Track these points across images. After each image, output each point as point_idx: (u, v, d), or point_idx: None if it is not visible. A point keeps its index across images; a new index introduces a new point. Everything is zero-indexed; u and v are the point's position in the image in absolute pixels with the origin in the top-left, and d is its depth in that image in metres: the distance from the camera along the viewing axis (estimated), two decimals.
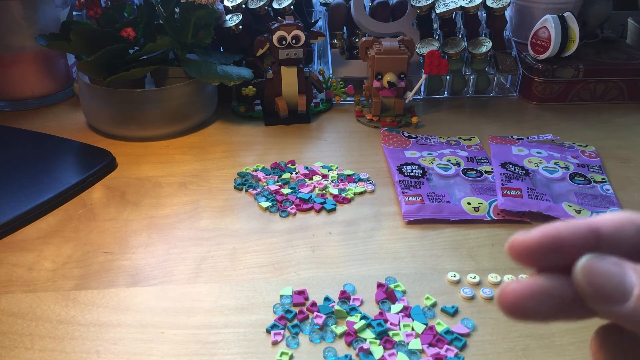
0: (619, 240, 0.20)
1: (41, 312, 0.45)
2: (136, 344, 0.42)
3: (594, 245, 0.20)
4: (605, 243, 0.20)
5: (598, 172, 0.64)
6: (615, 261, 0.19)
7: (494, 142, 0.70)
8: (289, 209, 0.58)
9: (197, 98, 0.73)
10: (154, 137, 0.72)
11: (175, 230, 0.55)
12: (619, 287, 0.19)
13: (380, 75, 0.73)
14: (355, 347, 0.41)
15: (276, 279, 0.49)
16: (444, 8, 0.80)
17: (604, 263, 0.19)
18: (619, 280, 0.19)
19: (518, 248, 0.21)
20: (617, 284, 0.19)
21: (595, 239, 0.20)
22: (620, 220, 0.21)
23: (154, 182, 0.63)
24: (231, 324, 0.44)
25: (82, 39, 0.68)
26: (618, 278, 0.19)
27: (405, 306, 0.45)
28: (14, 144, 0.69)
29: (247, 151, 0.70)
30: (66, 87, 0.85)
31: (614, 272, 0.19)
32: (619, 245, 0.20)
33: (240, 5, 0.80)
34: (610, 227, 0.20)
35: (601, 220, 0.21)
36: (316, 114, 0.80)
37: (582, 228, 0.20)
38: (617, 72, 0.83)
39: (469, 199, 0.58)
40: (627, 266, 0.19)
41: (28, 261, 0.51)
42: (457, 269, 0.49)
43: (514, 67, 0.85)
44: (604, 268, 0.19)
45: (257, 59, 0.80)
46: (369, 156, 0.69)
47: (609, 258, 0.19)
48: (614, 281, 0.19)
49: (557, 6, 0.86)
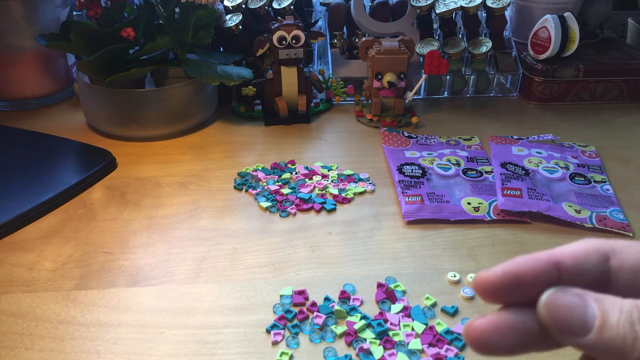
0: (582, 270, 0.21)
1: (41, 312, 0.45)
2: (136, 344, 0.42)
3: (555, 278, 0.20)
4: (568, 274, 0.21)
5: (598, 172, 0.64)
6: (577, 293, 0.20)
7: (494, 142, 0.70)
8: (289, 209, 0.58)
9: (197, 98, 0.73)
10: (154, 137, 0.72)
11: (175, 230, 0.55)
12: (581, 319, 0.19)
13: (380, 75, 0.73)
14: (355, 347, 0.41)
15: (276, 279, 0.49)
16: (444, 8, 0.80)
17: (566, 296, 0.19)
18: (581, 312, 0.19)
19: (482, 286, 0.21)
20: (579, 317, 0.19)
21: (557, 272, 0.21)
22: (582, 250, 0.21)
23: (154, 182, 0.63)
24: (231, 324, 0.44)
25: (82, 39, 0.68)
26: (580, 310, 0.19)
27: (405, 306, 0.45)
28: (14, 144, 0.69)
29: (247, 151, 0.70)
30: (66, 87, 0.85)
31: (575, 304, 0.19)
32: (582, 275, 0.21)
33: (240, 5, 0.80)
34: (571, 259, 0.21)
35: (562, 252, 0.21)
36: (316, 114, 0.80)
37: (542, 262, 0.21)
38: (617, 72, 0.83)
39: (469, 199, 0.58)
40: (589, 297, 0.19)
41: (28, 261, 0.51)
42: (457, 269, 0.49)
43: (514, 67, 0.85)
44: (565, 301, 0.19)
45: (257, 59, 0.80)
46: (369, 156, 0.69)
47: (570, 290, 0.20)
48: (576, 314, 0.19)
49: (557, 6, 0.86)
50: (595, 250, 0.21)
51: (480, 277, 0.21)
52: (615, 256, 0.21)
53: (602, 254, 0.21)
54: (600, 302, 0.19)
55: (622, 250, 0.21)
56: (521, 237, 0.54)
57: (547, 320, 0.20)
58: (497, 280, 0.21)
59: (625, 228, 0.54)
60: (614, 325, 0.19)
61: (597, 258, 0.21)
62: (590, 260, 0.21)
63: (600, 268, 0.21)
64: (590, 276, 0.21)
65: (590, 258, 0.21)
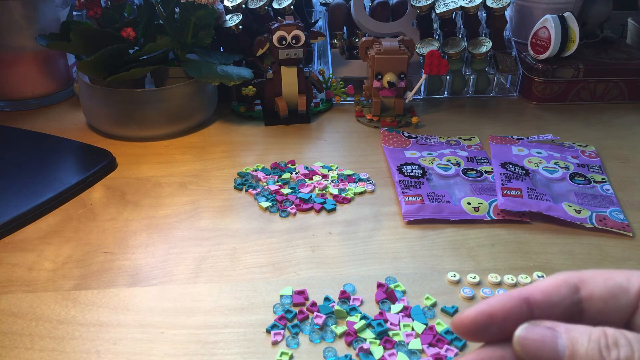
0: (552, 303, 0.22)
1: (41, 312, 0.45)
2: (136, 344, 0.42)
3: (526, 313, 0.22)
4: (538, 309, 0.22)
5: (598, 172, 0.64)
6: (548, 325, 0.21)
7: (494, 142, 0.70)
8: (289, 209, 0.58)
9: (197, 98, 0.73)
10: (154, 137, 0.72)
11: (175, 230, 0.55)
12: (552, 350, 0.20)
13: (380, 75, 0.73)
14: (355, 347, 0.41)
15: (276, 279, 0.49)
16: (444, 8, 0.80)
17: (537, 329, 0.21)
18: (551, 344, 0.20)
19: (459, 327, 0.22)
20: (550, 348, 0.20)
21: (528, 307, 0.22)
22: (551, 284, 0.22)
23: (154, 182, 0.63)
24: (231, 324, 0.44)
25: (82, 39, 0.68)
26: (550, 342, 0.20)
27: (405, 306, 0.45)
28: (14, 144, 0.69)
29: (247, 151, 0.70)
30: (66, 87, 0.85)
31: (546, 337, 0.20)
32: (552, 308, 0.22)
33: (240, 5, 0.80)
34: (540, 293, 0.22)
35: (531, 289, 0.22)
36: (316, 114, 0.80)
37: (513, 299, 0.22)
38: (617, 72, 0.83)
39: (469, 199, 0.58)
40: (559, 328, 0.20)
41: (28, 261, 0.51)
42: (457, 269, 0.49)
43: (514, 67, 0.85)
44: (537, 335, 0.21)
45: (257, 59, 0.80)
46: (369, 156, 0.69)
47: (542, 323, 0.21)
48: (546, 346, 0.20)
49: (557, 6, 0.86)
50: (564, 282, 0.22)
51: (457, 319, 0.22)
52: (585, 286, 0.22)
53: (572, 286, 0.22)
54: (570, 332, 0.20)
55: (591, 279, 0.22)
56: (521, 237, 0.54)
57: (521, 354, 0.21)
58: (472, 321, 0.22)
59: (625, 228, 0.54)
60: (582, 354, 0.20)
61: (566, 290, 0.22)
62: (560, 293, 0.22)
63: (571, 299, 0.22)
64: (562, 308, 0.22)
65: (559, 290, 0.22)
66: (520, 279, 0.48)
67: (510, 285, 0.48)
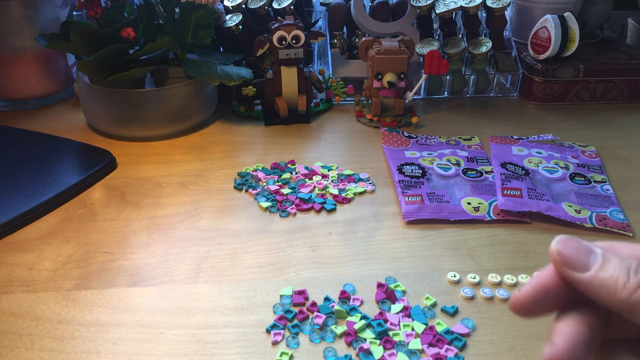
0: None
1: (41, 312, 0.45)
2: (136, 344, 0.42)
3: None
4: None
5: (598, 172, 0.64)
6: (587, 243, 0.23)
7: (494, 142, 0.70)
8: (289, 209, 0.58)
9: (197, 98, 0.73)
10: (154, 137, 0.72)
11: (175, 230, 0.55)
12: (584, 260, 0.22)
13: (380, 75, 0.73)
14: (355, 347, 0.41)
15: (276, 279, 0.49)
16: (444, 8, 0.80)
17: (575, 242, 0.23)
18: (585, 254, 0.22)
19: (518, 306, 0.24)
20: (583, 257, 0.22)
21: None
22: None
23: (154, 182, 0.63)
24: (231, 324, 0.44)
25: (82, 39, 0.68)
26: (584, 253, 0.22)
27: (405, 306, 0.45)
28: (14, 144, 0.69)
29: (247, 151, 0.70)
30: (66, 87, 0.85)
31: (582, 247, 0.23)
32: None
33: (240, 5, 0.80)
34: None
35: None
36: (316, 114, 0.80)
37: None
38: (617, 72, 0.83)
39: (469, 199, 0.58)
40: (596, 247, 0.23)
41: (28, 261, 0.51)
42: (457, 269, 0.49)
43: (514, 67, 0.85)
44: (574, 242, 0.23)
45: (257, 59, 0.80)
46: (369, 156, 0.69)
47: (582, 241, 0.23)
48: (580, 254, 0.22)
49: (557, 6, 0.86)
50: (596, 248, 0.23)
51: (515, 299, 0.24)
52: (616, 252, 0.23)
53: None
54: (606, 252, 0.22)
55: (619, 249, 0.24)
56: (521, 237, 0.54)
57: (556, 257, 0.23)
58: (531, 297, 0.23)
59: (625, 228, 0.54)
60: (610, 268, 0.22)
61: None
62: None
63: None
64: None
65: None
66: (520, 279, 0.48)
67: (510, 285, 0.48)
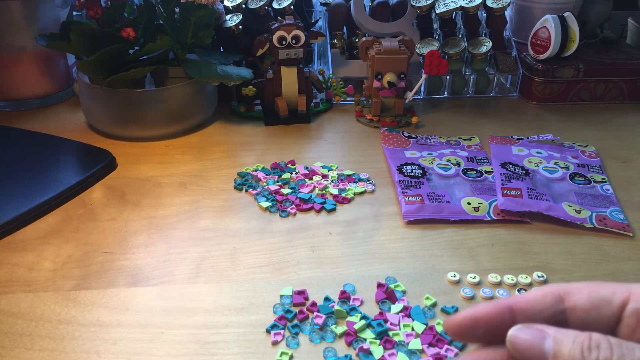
0: (535, 311, 0.24)
1: (41, 312, 0.45)
2: (136, 344, 0.42)
3: (509, 321, 0.24)
4: (522, 317, 0.24)
5: (598, 172, 0.64)
6: (538, 327, 0.23)
7: (494, 142, 0.70)
8: (289, 209, 0.58)
9: (197, 98, 0.73)
10: (154, 137, 0.72)
11: (175, 230, 0.55)
12: (539, 349, 0.22)
13: (380, 75, 0.73)
14: (355, 347, 0.41)
15: (276, 279, 0.49)
16: (444, 8, 0.80)
17: (528, 330, 0.23)
18: (539, 343, 0.22)
19: (447, 328, 0.25)
20: (538, 348, 0.22)
21: (511, 315, 0.24)
22: (538, 294, 0.25)
23: (154, 182, 0.63)
24: (231, 324, 0.44)
25: (82, 39, 0.68)
26: (538, 342, 0.22)
27: (405, 306, 0.45)
28: (14, 144, 0.69)
29: (247, 151, 0.70)
30: (66, 87, 0.85)
31: (535, 338, 0.23)
32: (536, 316, 0.24)
33: (240, 5, 0.80)
34: (525, 302, 0.24)
35: (517, 298, 0.25)
36: (316, 114, 0.80)
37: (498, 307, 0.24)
38: (617, 72, 0.83)
39: (469, 199, 0.58)
40: (549, 331, 0.23)
41: (28, 261, 0.51)
42: (457, 269, 0.49)
43: (514, 67, 0.85)
44: (527, 335, 0.23)
45: (257, 59, 0.80)
46: (369, 156, 0.69)
47: (534, 326, 0.23)
48: (535, 345, 0.22)
49: (557, 6, 0.86)
50: (550, 293, 0.24)
51: (447, 321, 0.25)
52: (569, 297, 0.24)
53: (557, 297, 0.24)
54: (557, 335, 0.22)
55: (577, 291, 0.24)
56: (521, 237, 0.54)
57: (512, 352, 0.23)
58: (459, 323, 0.25)
59: (625, 228, 0.54)
60: (565, 354, 0.22)
61: (550, 300, 0.24)
62: (544, 303, 0.24)
63: (555, 309, 0.24)
64: (545, 317, 0.24)
65: (544, 300, 0.24)
66: (520, 279, 0.48)
67: (510, 285, 0.48)
